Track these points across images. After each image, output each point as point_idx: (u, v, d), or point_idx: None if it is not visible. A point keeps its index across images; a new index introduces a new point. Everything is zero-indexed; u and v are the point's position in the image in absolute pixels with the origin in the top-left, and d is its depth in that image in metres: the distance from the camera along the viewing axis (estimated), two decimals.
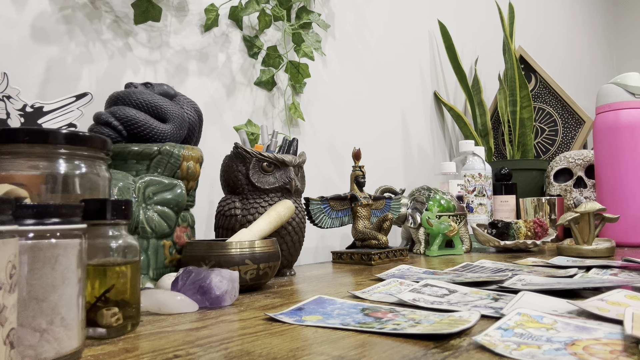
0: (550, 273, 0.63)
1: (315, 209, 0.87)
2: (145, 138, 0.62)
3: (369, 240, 0.88)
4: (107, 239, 0.38)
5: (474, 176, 1.16)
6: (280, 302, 0.50)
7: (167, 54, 0.83)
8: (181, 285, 0.49)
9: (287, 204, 0.68)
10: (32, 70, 0.67)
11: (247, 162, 0.70)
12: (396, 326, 0.37)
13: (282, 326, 0.40)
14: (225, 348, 0.34)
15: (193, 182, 0.65)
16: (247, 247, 0.57)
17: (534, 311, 0.39)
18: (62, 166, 0.39)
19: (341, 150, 1.15)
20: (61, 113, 0.54)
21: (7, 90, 0.53)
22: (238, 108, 0.94)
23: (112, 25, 0.76)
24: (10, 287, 0.25)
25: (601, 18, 2.90)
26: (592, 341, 0.32)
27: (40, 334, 0.29)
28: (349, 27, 1.21)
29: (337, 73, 1.16)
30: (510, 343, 0.32)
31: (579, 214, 0.88)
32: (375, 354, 0.31)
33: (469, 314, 0.39)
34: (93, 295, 0.36)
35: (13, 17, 0.66)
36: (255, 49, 0.96)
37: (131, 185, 0.57)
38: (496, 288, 0.52)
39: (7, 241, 0.25)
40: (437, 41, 1.53)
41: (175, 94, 0.69)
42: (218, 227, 0.71)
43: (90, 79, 0.73)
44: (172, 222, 0.60)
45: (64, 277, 0.30)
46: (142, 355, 0.32)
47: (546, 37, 2.22)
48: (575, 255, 0.85)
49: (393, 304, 0.47)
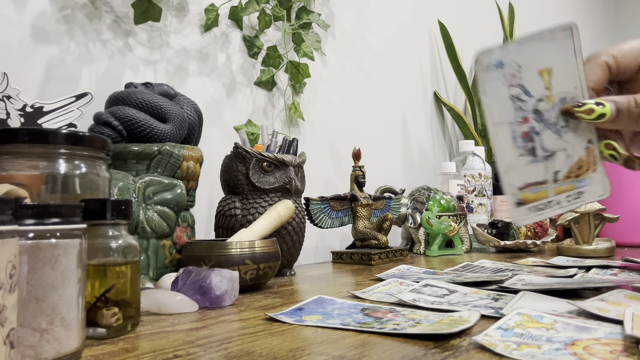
0: (550, 273, 0.63)
1: (315, 209, 0.87)
2: (145, 138, 0.62)
3: (369, 240, 0.88)
4: (107, 239, 0.38)
5: (474, 176, 1.16)
6: (280, 302, 0.50)
7: (167, 54, 0.83)
8: (181, 285, 0.49)
9: (287, 204, 0.68)
10: (32, 70, 0.67)
11: (247, 162, 0.70)
12: (396, 326, 0.37)
13: (282, 326, 0.40)
14: (225, 348, 0.34)
15: (193, 182, 0.65)
16: (247, 247, 0.57)
17: (534, 311, 0.39)
18: (62, 166, 0.39)
19: (341, 150, 1.15)
20: (61, 113, 0.54)
21: (7, 90, 0.53)
22: (238, 108, 0.94)
23: (112, 25, 0.76)
24: (10, 287, 0.25)
25: (601, 18, 2.90)
26: (592, 341, 0.32)
27: (40, 334, 0.29)
28: (349, 27, 1.21)
29: (337, 73, 1.16)
30: (510, 343, 0.32)
31: (579, 214, 0.88)
32: (375, 354, 0.31)
33: (469, 314, 0.39)
34: (93, 295, 0.36)
35: (13, 17, 0.66)
36: (255, 49, 0.96)
37: (131, 185, 0.57)
38: (496, 288, 0.52)
39: (7, 241, 0.25)
40: (437, 41, 1.53)
41: (175, 94, 0.69)
42: (218, 227, 0.71)
43: (90, 79, 0.73)
44: (172, 222, 0.60)
45: (64, 277, 0.30)
46: (142, 355, 0.32)
47: None
48: (575, 255, 0.85)
49: (393, 304, 0.47)
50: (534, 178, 0.42)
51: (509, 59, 0.41)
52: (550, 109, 0.42)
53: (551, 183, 0.42)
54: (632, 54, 0.42)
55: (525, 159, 0.42)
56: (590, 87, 0.42)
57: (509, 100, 0.41)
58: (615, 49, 0.43)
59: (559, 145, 0.42)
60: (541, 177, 0.42)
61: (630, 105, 0.40)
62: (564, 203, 0.43)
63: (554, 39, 0.41)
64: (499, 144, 0.42)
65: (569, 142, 0.42)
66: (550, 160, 0.42)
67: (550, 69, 0.41)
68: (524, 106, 0.41)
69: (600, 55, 0.43)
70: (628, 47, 0.43)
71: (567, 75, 0.41)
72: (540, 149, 0.42)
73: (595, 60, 0.43)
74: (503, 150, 0.42)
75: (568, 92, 0.41)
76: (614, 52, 0.42)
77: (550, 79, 0.41)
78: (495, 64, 0.41)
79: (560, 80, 0.41)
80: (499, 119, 0.41)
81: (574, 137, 0.42)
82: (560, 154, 0.42)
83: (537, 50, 0.41)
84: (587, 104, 0.41)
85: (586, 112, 0.40)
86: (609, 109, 0.40)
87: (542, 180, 0.42)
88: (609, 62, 0.42)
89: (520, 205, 0.42)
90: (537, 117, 0.41)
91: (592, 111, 0.40)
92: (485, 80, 0.41)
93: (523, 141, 0.42)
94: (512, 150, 0.42)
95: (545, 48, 0.41)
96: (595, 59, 0.43)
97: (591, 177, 0.42)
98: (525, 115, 0.42)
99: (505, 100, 0.41)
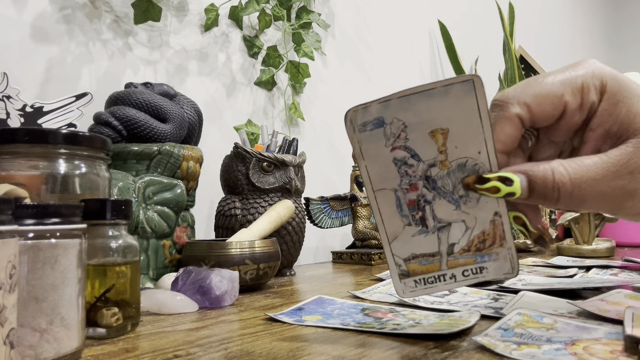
0: (550, 273, 0.63)
1: (315, 209, 0.87)
2: (145, 138, 0.62)
3: (369, 240, 0.88)
4: (107, 239, 0.38)
5: None
6: (280, 302, 0.50)
7: (167, 54, 0.83)
8: (181, 285, 0.49)
9: (287, 204, 0.68)
10: (32, 70, 0.67)
11: (247, 162, 0.70)
12: (396, 326, 0.37)
13: (282, 326, 0.40)
14: (225, 348, 0.34)
15: (193, 182, 0.65)
16: (247, 247, 0.57)
17: (534, 311, 0.39)
18: (62, 166, 0.39)
19: (341, 150, 1.15)
20: (61, 113, 0.54)
21: (7, 90, 0.53)
22: (238, 108, 0.94)
23: (112, 25, 0.76)
24: (10, 287, 0.25)
25: (602, 17, 2.90)
26: (592, 341, 0.32)
27: (40, 334, 0.29)
28: (349, 27, 1.21)
29: (337, 73, 1.16)
30: (510, 343, 0.32)
31: (579, 214, 0.88)
32: (375, 354, 0.31)
33: (469, 314, 0.39)
34: (93, 295, 0.36)
35: (13, 17, 0.66)
36: (255, 49, 0.96)
37: (131, 185, 0.57)
38: (496, 288, 0.53)
39: (7, 241, 0.25)
40: (437, 41, 1.53)
41: (175, 94, 0.69)
42: (218, 227, 0.71)
43: (90, 79, 0.73)
44: (172, 222, 0.60)
45: (64, 277, 0.30)
46: (142, 355, 0.32)
47: (546, 37, 2.22)
48: (576, 255, 0.85)
49: (393, 304, 0.47)
50: (423, 250, 0.35)
51: (391, 116, 0.33)
52: (445, 176, 0.34)
53: (445, 256, 0.35)
54: (552, 100, 0.33)
55: (412, 229, 0.35)
56: (499, 151, 0.33)
57: (392, 164, 0.34)
58: (528, 93, 0.33)
59: (456, 217, 0.34)
60: (432, 249, 0.35)
61: (547, 180, 0.31)
62: (460, 277, 0.35)
63: (450, 94, 0.32)
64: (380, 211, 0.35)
65: (469, 214, 0.34)
66: (444, 231, 0.35)
67: (446, 129, 0.33)
68: (411, 171, 0.34)
69: (508, 105, 0.33)
70: (542, 90, 0.33)
71: (468, 137, 0.33)
72: (431, 219, 0.35)
73: (503, 113, 0.33)
74: (385, 219, 0.35)
75: (469, 157, 0.33)
76: (527, 100, 0.33)
77: (446, 142, 0.33)
78: (374, 122, 0.33)
79: (458, 143, 0.33)
80: (380, 185, 0.35)
81: (476, 208, 0.34)
82: (457, 225, 0.35)
83: (429, 107, 0.32)
84: (490, 180, 0.32)
85: (490, 190, 0.32)
86: (518, 187, 0.32)
87: (433, 252, 0.35)
88: (521, 114, 0.33)
89: (406, 277, 0.36)
90: (428, 184, 0.34)
91: (498, 190, 0.32)
92: (361, 141, 0.34)
93: (410, 210, 0.35)
94: (396, 219, 0.35)
95: (439, 105, 0.32)
96: (503, 112, 0.33)
97: (496, 252, 0.34)
98: (413, 182, 0.34)
99: (387, 165, 0.34)
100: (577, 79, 0.33)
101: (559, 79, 0.33)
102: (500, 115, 0.33)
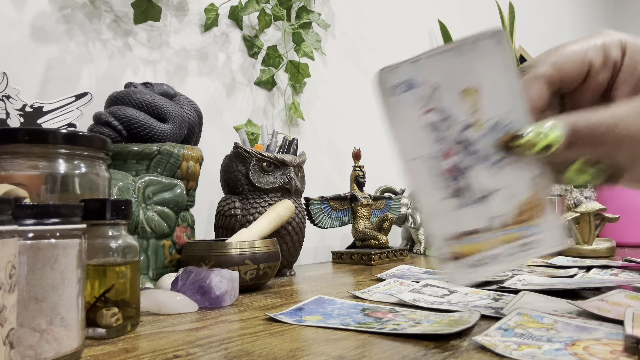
0: (551, 273, 0.63)
1: (315, 209, 0.87)
2: (145, 138, 0.62)
3: (369, 240, 0.88)
4: (107, 239, 0.38)
5: None
6: (280, 302, 0.50)
7: (167, 54, 0.83)
8: (181, 285, 0.49)
9: (287, 204, 0.68)
10: (32, 70, 0.67)
11: (247, 162, 0.70)
12: (396, 326, 0.37)
13: (282, 326, 0.40)
14: (225, 348, 0.34)
15: (193, 182, 0.65)
16: (247, 247, 0.56)
17: (534, 311, 0.39)
18: (61, 166, 0.38)
19: (341, 150, 1.15)
20: (61, 113, 0.54)
21: (7, 90, 0.53)
22: (238, 108, 0.94)
23: (112, 25, 0.76)
24: (10, 287, 0.25)
25: (602, 17, 2.90)
26: (592, 341, 0.32)
27: (40, 334, 0.29)
28: (349, 27, 1.21)
29: (337, 73, 1.16)
30: (510, 343, 0.32)
31: (579, 214, 0.88)
32: (375, 354, 0.31)
33: (469, 314, 0.39)
34: (93, 295, 0.36)
35: (13, 17, 0.66)
36: (255, 49, 0.96)
37: (131, 185, 0.57)
38: (496, 288, 0.52)
39: (7, 241, 0.25)
40: (437, 41, 1.53)
41: (175, 94, 0.69)
42: (218, 227, 0.71)
43: (90, 79, 0.73)
44: (172, 222, 0.60)
45: (63, 277, 0.30)
46: (142, 356, 0.32)
47: (546, 37, 2.22)
48: (576, 255, 0.85)
49: (393, 304, 0.47)
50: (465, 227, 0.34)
51: (421, 77, 0.32)
52: (480, 139, 0.32)
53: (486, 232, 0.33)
54: (577, 59, 0.34)
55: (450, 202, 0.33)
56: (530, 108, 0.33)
57: (424, 130, 0.33)
58: (556, 55, 0.34)
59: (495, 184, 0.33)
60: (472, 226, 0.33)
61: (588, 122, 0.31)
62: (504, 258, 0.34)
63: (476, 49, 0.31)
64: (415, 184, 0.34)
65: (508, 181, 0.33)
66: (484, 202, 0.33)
67: (476, 88, 0.32)
68: (444, 136, 0.33)
69: (538, 65, 0.34)
70: (567, 51, 0.34)
71: (499, 95, 0.32)
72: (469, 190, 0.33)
73: (533, 72, 0.34)
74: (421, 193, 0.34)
75: (502, 116, 0.32)
76: (556, 60, 0.34)
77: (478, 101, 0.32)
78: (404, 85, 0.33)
79: (490, 101, 0.32)
80: (412, 154, 0.33)
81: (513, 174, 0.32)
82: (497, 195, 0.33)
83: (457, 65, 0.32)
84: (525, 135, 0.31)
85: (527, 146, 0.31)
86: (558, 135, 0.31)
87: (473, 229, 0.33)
88: (551, 73, 0.33)
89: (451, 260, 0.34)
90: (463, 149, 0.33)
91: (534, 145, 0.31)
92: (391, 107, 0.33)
93: (446, 180, 0.33)
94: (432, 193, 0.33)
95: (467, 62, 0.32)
96: (532, 71, 0.34)
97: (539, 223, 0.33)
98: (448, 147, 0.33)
99: (419, 130, 0.33)
100: (597, 40, 0.35)
101: (580, 43, 0.35)
102: (530, 74, 0.34)
